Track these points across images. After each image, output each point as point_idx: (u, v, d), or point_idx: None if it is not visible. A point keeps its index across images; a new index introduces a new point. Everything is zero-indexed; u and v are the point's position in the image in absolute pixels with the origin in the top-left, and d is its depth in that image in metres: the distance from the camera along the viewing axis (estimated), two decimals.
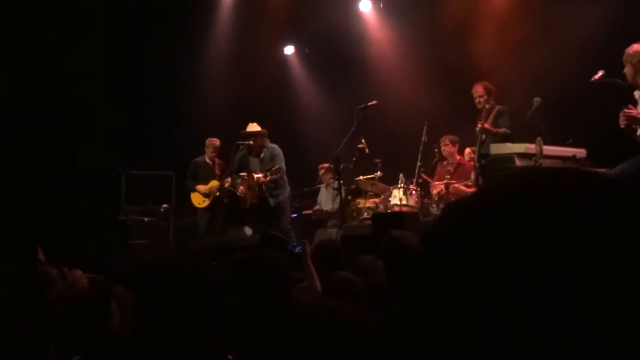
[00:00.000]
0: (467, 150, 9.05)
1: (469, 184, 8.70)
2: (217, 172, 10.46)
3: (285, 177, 9.55)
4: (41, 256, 5.83)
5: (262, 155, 9.51)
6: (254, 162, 9.56)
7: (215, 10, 12.75)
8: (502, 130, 7.92)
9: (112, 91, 11.36)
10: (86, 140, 11.23)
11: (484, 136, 8.01)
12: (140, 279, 2.49)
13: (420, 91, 10.51)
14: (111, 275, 5.57)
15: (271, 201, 9.28)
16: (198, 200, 10.42)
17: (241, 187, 9.42)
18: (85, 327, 3.18)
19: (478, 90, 8.24)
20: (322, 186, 10.92)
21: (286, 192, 9.61)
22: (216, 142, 10.64)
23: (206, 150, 10.63)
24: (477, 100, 8.24)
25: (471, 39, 10.17)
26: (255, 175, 9.29)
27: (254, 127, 9.59)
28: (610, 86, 6.10)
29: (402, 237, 4.62)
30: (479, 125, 7.94)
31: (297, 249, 5.28)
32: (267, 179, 9.21)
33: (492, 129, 7.93)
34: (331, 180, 10.48)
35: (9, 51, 11.11)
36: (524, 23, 9.80)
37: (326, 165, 10.75)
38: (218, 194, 10.22)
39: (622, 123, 5.85)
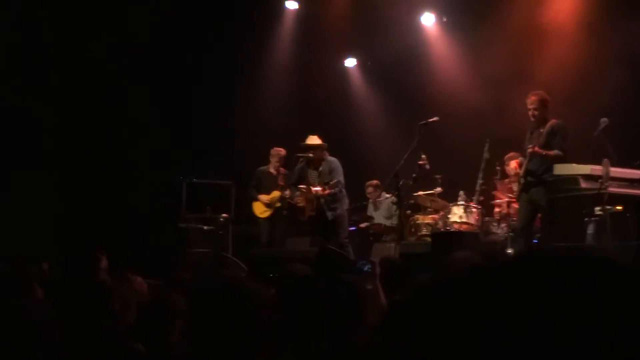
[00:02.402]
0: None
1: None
2: (281, 182, 10.21)
3: (344, 190, 9.53)
4: (104, 263, 5.89)
5: (320, 169, 9.51)
6: (312, 174, 9.56)
7: (277, 21, 12.85)
8: (554, 153, 7.42)
9: (174, 100, 11.53)
10: (148, 149, 11.41)
11: None
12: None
13: (482, 107, 10.40)
14: (170, 282, 5.63)
15: (329, 214, 9.27)
16: (260, 209, 10.27)
17: (299, 199, 9.44)
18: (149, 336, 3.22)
19: (532, 100, 7.70)
20: (370, 202, 10.97)
21: (344, 205, 9.58)
22: (282, 151, 10.38)
23: (271, 159, 10.39)
24: (530, 113, 7.72)
25: (536, 56, 10.04)
26: (314, 189, 9.30)
27: (314, 139, 9.57)
28: None
29: (465, 259, 4.59)
30: (529, 149, 7.47)
31: (366, 268, 5.26)
32: (326, 192, 9.20)
33: (542, 152, 7.44)
34: (388, 196, 10.44)
35: (68, 57, 11.36)
36: (591, 40, 9.63)
37: (374, 182, 10.76)
38: (279, 204, 10.10)
39: None
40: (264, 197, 10.26)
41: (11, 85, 10.87)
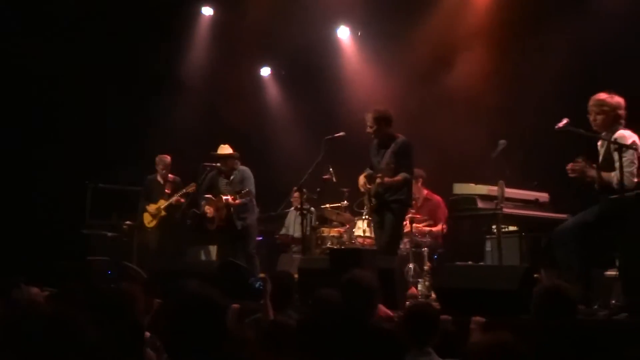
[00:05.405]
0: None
1: (431, 222, 8.79)
2: (167, 190, 10.30)
3: (254, 200, 9.49)
4: None
5: (232, 178, 9.46)
6: (223, 183, 9.50)
7: (192, 27, 12.71)
8: (401, 177, 7.40)
9: (83, 104, 11.30)
10: (54, 152, 11.14)
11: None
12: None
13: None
14: (63, 292, 5.48)
15: (238, 224, 9.22)
16: (147, 219, 10.35)
17: (207, 207, 9.33)
18: None
19: (368, 118, 7.61)
20: (293, 210, 10.82)
21: (254, 215, 9.54)
22: (166, 158, 10.50)
23: (157, 167, 10.48)
24: (367, 130, 7.68)
25: (443, 72, 10.28)
26: (224, 197, 9.24)
27: (225, 149, 9.51)
28: (574, 135, 6.06)
29: (362, 278, 4.73)
30: (378, 181, 7.38)
31: (258, 284, 5.35)
32: (236, 201, 9.16)
33: (390, 182, 7.36)
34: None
35: None
36: (502, 57, 9.87)
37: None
38: (164, 213, 10.16)
39: (571, 175, 5.87)
40: (150, 207, 10.33)
41: None
